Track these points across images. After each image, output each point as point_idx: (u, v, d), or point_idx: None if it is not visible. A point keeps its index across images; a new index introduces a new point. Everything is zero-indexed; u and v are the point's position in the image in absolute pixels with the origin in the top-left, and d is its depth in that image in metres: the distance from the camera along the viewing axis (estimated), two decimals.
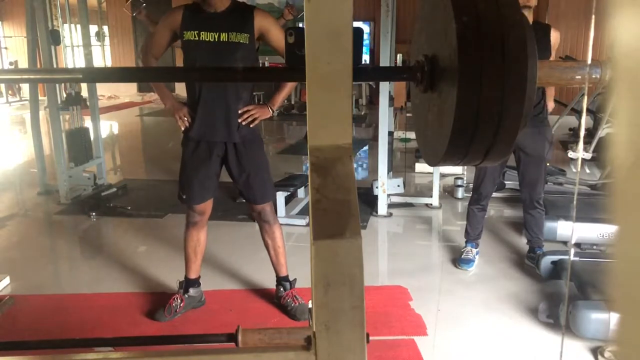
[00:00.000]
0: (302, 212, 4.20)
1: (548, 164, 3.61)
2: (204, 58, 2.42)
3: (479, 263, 3.38)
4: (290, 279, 2.84)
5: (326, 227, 0.82)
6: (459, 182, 4.72)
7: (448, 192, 4.83)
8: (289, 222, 4.02)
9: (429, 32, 1.07)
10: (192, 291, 2.80)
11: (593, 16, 1.39)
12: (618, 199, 0.33)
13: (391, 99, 4.61)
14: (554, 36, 3.06)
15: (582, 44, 8.07)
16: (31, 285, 3.15)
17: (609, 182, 0.37)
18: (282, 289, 2.80)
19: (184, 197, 2.65)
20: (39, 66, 4.84)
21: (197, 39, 2.42)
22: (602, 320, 2.36)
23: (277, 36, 2.44)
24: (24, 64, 10.38)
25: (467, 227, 3.42)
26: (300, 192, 4.47)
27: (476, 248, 3.41)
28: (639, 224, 0.31)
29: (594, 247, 3.39)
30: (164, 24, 2.52)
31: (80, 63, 5.19)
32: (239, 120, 2.50)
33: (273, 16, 2.59)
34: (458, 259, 3.37)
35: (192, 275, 2.77)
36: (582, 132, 4.65)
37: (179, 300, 2.73)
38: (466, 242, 3.42)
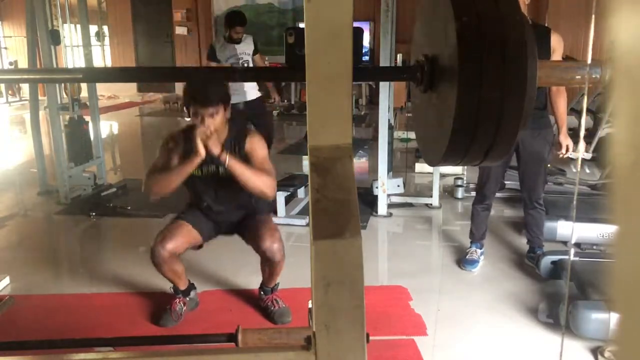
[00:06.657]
0: (302, 212, 4.20)
1: (549, 165, 3.60)
2: (206, 189, 2.61)
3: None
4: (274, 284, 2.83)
5: (326, 227, 0.82)
6: (459, 182, 4.72)
7: (448, 192, 4.83)
8: (289, 222, 4.03)
9: (429, 32, 1.07)
10: (192, 294, 2.81)
11: (593, 16, 1.39)
12: (618, 199, 0.33)
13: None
14: (555, 39, 2.94)
15: (582, 44, 8.06)
16: (31, 285, 3.15)
17: (609, 182, 0.37)
18: (262, 293, 2.81)
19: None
20: (39, 66, 4.83)
21: (199, 174, 2.52)
22: (602, 320, 2.36)
23: (259, 158, 2.54)
24: (24, 64, 10.36)
25: (472, 227, 3.40)
26: (300, 192, 4.47)
27: (481, 249, 3.39)
28: (639, 224, 0.31)
29: (594, 247, 3.39)
30: (167, 153, 2.55)
31: (80, 63, 5.17)
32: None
33: (261, 141, 2.64)
34: (462, 260, 3.35)
35: (184, 287, 2.76)
36: (582, 132, 4.65)
37: (182, 304, 2.73)
38: (471, 242, 3.40)
